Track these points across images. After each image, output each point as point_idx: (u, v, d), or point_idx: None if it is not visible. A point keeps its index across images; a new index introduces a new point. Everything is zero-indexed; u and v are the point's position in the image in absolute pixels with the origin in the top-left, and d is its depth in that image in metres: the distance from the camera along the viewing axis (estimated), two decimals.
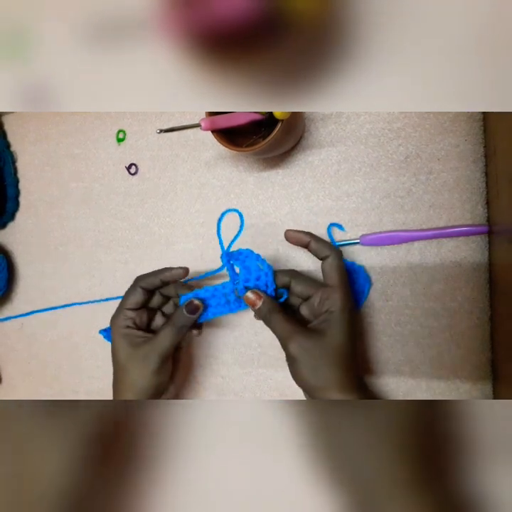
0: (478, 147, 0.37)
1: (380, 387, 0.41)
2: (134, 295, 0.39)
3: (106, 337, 0.49)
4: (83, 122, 0.53)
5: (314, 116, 0.42)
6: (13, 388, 0.58)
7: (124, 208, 0.51)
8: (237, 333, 0.46)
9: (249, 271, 0.37)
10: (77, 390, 0.55)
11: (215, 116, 0.34)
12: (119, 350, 0.38)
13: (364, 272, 0.41)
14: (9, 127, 0.58)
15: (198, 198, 0.47)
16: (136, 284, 0.39)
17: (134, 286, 0.39)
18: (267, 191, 0.45)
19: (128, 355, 0.38)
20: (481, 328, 0.38)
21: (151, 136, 0.49)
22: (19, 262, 0.58)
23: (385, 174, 0.40)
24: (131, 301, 0.39)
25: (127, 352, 0.38)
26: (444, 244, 0.38)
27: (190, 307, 0.37)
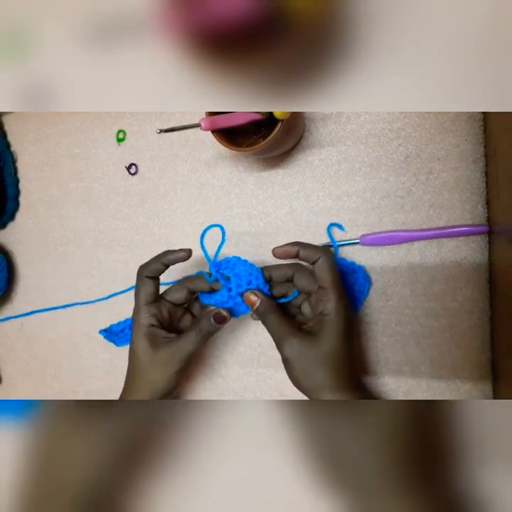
0: (478, 147, 0.37)
1: (380, 387, 0.41)
2: (144, 287, 0.38)
3: (106, 337, 0.49)
4: (83, 122, 0.53)
5: (314, 116, 0.42)
6: (13, 388, 0.58)
7: (124, 208, 0.51)
8: (237, 333, 0.46)
9: (240, 277, 0.37)
10: (77, 390, 0.55)
11: (215, 116, 0.34)
12: (139, 348, 0.37)
13: (364, 271, 0.41)
14: (9, 127, 0.58)
15: (198, 198, 0.47)
16: (141, 275, 0.38)
17: (140, 277, 0.38)
18: (267, 191, 0.45)
19: (148, 356, 0.37)
20: (481, 328, 0.38)
21: (151, 136, 0.49)
22: (19, 262, 0.58)
23: (385, 174, 0.40)
24: (144, 294, 0.38)
25: (148, 352, 0.37)
26: (444, 244, 0.38)
27: (219, 317, 0.36)
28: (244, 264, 0.38)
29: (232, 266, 0.38)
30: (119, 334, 0.50)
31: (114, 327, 0.50)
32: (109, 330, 0.50)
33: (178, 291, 0.39)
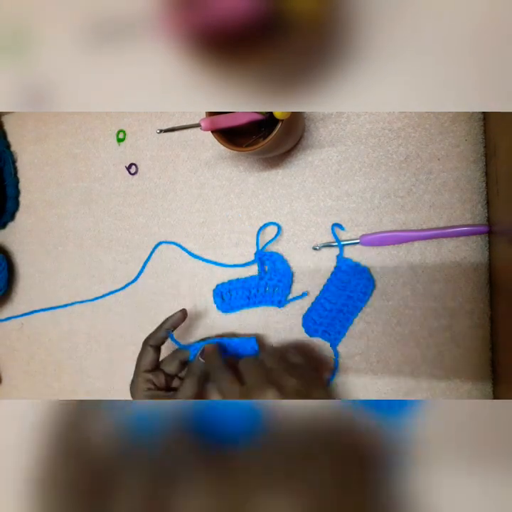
0: (478, 147, 0.37)
1: (380, 387, 0.41)
2: (146, 356, 0.41)
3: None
4: (83, 122, 0.53)
5: (314, 116, 0.42)
6: (13, 388, 0.59)
7: (124, 208, 0.51)
8: (237, 333, 0.46)
9: (275, 273, 0.43)
10: (77, 390, 0.55)
11: (215, 116, 0.34)
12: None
13: (368, 273, 0.41)
14: (9, 127, 0.58)
15: (198, 198, 0.47)
16: (146, 344, 0.41)
17: (145, 347, 0.41)
18: (267, 191, 0.45)
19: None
20: (481, 328, 0.38)
21: (151, 136, 0.49)
22: (19, 262, 0.58)
23: (385, 174, 0.40)
24: (146, 362, 0.41)
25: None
26: (444, 244, 0.38)
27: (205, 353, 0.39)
28: (282, 262, 0.43)
29: (273, 260, 0.44)
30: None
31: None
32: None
33: (171, 364, 0.42)
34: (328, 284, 0.42)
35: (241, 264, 0.46)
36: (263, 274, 0.44)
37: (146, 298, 0.50)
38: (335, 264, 0.42)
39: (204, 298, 0.47)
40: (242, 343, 0.41)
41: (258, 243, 0.45)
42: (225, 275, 0.46)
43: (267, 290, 0.44)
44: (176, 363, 0.42)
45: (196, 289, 0.48)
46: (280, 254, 0.44)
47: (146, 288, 0.50)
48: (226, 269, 0.46)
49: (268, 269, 0.44)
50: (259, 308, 0.45)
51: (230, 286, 0.46)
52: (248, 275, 0.45)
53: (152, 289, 0.50)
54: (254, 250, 0.45)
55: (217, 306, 0.46)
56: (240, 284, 0.45)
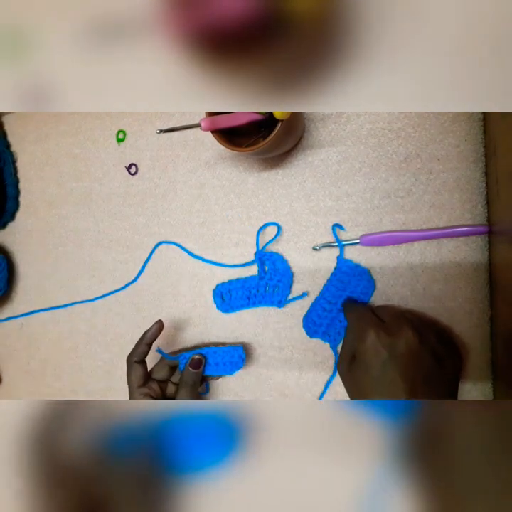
0: (478, 147, 0.37)
1: None
2: (135, 372, 0.42)
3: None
4: (83, 122, 0.53)
5: (314, 116, 0.42)
6: (13, 388, 0.59)
7: (124, 208, 0.51)
8: (237, 333, 0.46)
9: (275, 273, 0.44)
10: (77, 390, 0.55)
11: (215, 116, 0.34)
12: None
13: (369, 274, 0.41)
14: (9, 127, 0.58)
15: (198, 198, 0.47)
16: (130, 362, 0.42)
17: (130, 364, 0.42)
18: (267, 191, 0.45)
19: None
20: (481, 328, 0.38)
21: (151, 136, 0.49)
22: (19, 262, 0.58)
23: (385, 174, 0.40)
24: (137, 378, 0.41)
25: None
26: (444, 245, 0.38)
27: (194, 363, 0.42)
28: (282, 262, 0.44)
29: (273, 260, 0.44)
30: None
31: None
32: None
33: (161, 370, 0.44)
34: (328, 285, 0.42)
35: (241, 264, 0.46)
36: (263, 274, 0.44)
37: (146, 298, 0.50)
38: (335, 265, 0.42)
39: (204, 298, 0.47)
40: (229, 352, 0.43)
41: (258, 243, 0.45)
42: (225, 275, 0.46)
43: (267, 290, 0.44)
44: (166, 369, 0.44)
45: (196, 289, 0.48)
46: (280, 254, 0.44)
47: (146, 288, 0.50)
48: (226, 269, 0.46)
49: (268, 269, 0.44)
50: (259, 308, 0.45)
51: (230, 286, 0.46)
52: (248, 275, 0.45)
53: (152, 289, 0.50)
54: (254, 250, 0.45)
55: (217, 306, 0.46)
56: (239, 284, 0.45)
